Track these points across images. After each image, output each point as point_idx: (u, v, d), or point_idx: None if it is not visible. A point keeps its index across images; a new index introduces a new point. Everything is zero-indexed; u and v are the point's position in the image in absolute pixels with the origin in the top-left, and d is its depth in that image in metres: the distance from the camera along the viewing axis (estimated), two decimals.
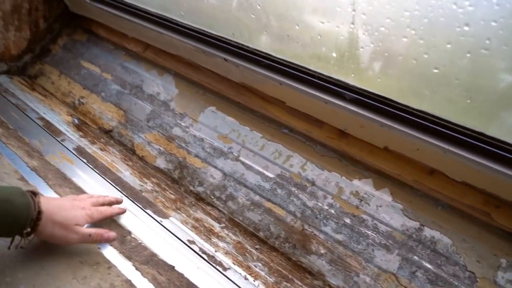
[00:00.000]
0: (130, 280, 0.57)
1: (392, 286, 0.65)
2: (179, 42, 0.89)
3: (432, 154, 0.64)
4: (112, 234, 0.62)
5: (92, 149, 0.92)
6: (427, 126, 0.63)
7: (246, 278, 0.65)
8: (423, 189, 0.69)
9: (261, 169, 0.82)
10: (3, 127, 0.88)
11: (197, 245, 0.70)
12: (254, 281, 0.65)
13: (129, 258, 0.62)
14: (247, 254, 0.71)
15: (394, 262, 0.66)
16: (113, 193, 0.78)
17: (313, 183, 0.77)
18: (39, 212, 0.52)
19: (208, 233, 0.74)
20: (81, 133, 0.99)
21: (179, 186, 0.87)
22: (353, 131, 0.74)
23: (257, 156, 0.84)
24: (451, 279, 0.63)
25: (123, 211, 0.69)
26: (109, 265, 0.59)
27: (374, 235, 0.69)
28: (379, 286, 0.65)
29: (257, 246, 0.74)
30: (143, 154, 0.94)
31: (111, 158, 0.91)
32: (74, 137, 0.95)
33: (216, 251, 0.69)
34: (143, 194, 0.80)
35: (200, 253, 0.68)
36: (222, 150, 0.87)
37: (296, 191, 0.77)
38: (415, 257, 0.65)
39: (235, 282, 0.64)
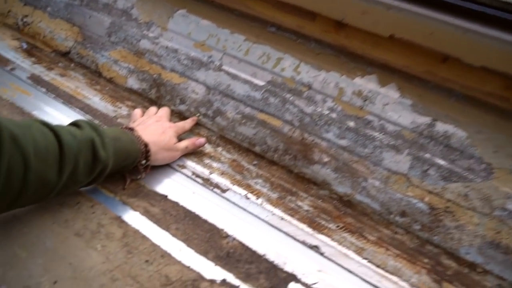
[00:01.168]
0: (119, 217, 0.51)
1: (403, 187, 0.61)
2: None
3: (449, 37, 0.54)
4: (202, 139, 0.67)
5: (50, 76, 0.79)
6: (445, 2, 0.52)
7: (247, 198, 0.60)
8: (434, 80, 0.61)
9: (248, 77, 0.72)
10: None
11: (188, 169, 0.63)
12: (256, 199, 0.60)
13: (114, 192, 0.55)
14: (245, 172, 0.65)
15: (404, 163, 0.61)
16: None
17: (309, 87, 0.68)
18: (146, 145, 0.56)
19: (199, 155, 0.66)
20: (33, 58, 0.84)
21: (159, 106, 0.77)
22: (352, 20, 0.63)
23: (243, 62, 0.73)
24: (466, 173, 0.58)
25: (195, 122, 0.72)
26: (92, 204, 0.52)
27: (382, 136, 0.63)
28: (389, 188, 0.61)
29: (255, 162, 0.68)
30: (111, 75, 0.82)
31: (75, 84, 0.78)
32: (26, 65, 0.81)
33: (211, 173, 0.63)
34: (118, 120, 0.71)
35: (193, 177, 0.61)
36: (201, 60, 0.75)
37: (292, 98, 0.69)
38: (427, 155, 0.60)
39: (236, 203, 0.58)
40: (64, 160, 0.42)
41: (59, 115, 0.68)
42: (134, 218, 0.52)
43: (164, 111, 0.68)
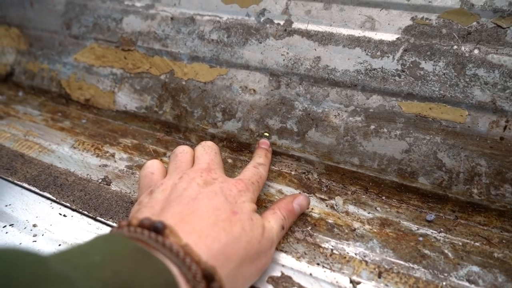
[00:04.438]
0: None
1: None
2: None
3: None
4: (301, 197, 0.29)
5: None
6: None
7: None
8: None
9: (358, 32, 0.33)
10: None
11: (298, 284, 0.25)
12: None
13: None
14: (426, 250, 0.27)
15: None
16: (41, 209, 0.31)
17: None
18: (209, 276, 0.18)
19: (302, 229, 0.29)
20: None
21: (184, 133, 0.40)
22: None
23: (336, 4, 0.34)
24: None
25: (271, 153, 0.35)
26: None
27: None
28: None
29: (430, 216, 0.29)
30: (85, 95, 0.45)
31: (25, 128, 0.42)
32: None
33: (354, 281, 0.25)
34: (112, 187, 0.34)
35: None
36: (245, 25, 0.37)
37: (476, 53, 0.30)
38: None
39: None
40: None
41: None
42: None
43: (209, 151, 0.30)
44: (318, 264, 0.26)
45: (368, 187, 0.32)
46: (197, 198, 0.23)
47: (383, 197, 0.32)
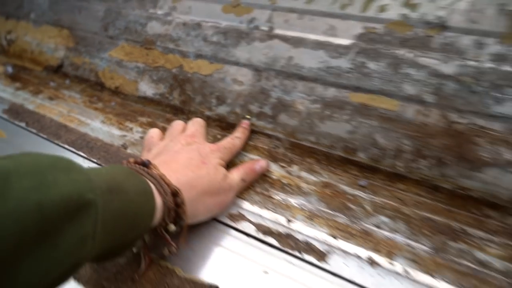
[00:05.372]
0: None
1: None
2: None
3: None
4: (262, 161, 0.39)
5: (36, 102, 0.56)
6: None
7: (373, 263, 0.30)
8: None
9: (322, 38, 0.42)
10: None
11: (249, 221, 0.34)
12: (391, 264, 0.30)
13: None
14: (350, 205, 0.35)
15: None
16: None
17: (432, 26, 0.36)
18: (175, 193, 0.29)
19: (262, 186, 0.38)
20: (18, 84, 0.62)
21: (188, 114, 0.50)
22: None
23: (307, 15, 0.43)
24: None
25: (248, 131, 0.43)
26: None
27: None
28: None
29: (362, 182, 0.38)
30: (116, 84, 0.57)
31: (68, 107, 0.54)
32: (6, 94, 0.59)
33: (290, 221, 0.34)
34: (128, 151, 0.45)
35: (260, 235, 0.33)
36: (238, 30, 0.47)
37: (409, 55, 0.37)
38: None
39: (354, 281, 0.29)
40: None
41: None
42: None
43: (196, 124, 0.40)
44: (266, 208, 0.35)
45: (321, 160, 0.41)
46: (178, 151, 0.33)
47: (331, 167, 0.40)
